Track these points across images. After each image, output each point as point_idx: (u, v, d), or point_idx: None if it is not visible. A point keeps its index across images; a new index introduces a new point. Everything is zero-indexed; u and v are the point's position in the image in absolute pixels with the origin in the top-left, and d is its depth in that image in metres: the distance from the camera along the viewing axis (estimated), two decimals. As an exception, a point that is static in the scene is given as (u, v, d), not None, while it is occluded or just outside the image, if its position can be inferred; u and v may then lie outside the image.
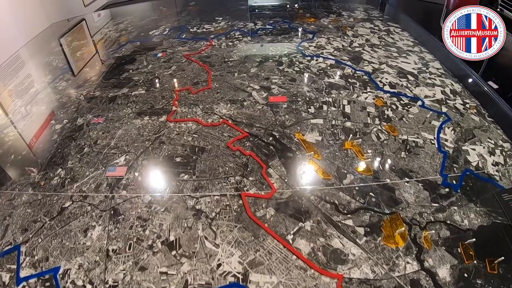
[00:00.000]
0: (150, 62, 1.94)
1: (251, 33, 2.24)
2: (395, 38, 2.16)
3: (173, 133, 1.33)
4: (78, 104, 1.63)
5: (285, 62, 1.80)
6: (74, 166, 1.25)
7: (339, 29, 2.28)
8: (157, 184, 1.14)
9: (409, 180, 1.13)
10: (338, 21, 2.44)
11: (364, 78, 1.67)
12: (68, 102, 1.67)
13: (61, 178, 1.21)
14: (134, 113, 1.48)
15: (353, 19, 2.51)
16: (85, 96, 1.69)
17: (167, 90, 1.62)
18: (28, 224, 1.06)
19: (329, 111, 1.44)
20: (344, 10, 2.72)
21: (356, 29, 2.29)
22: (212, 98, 1.52)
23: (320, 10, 2.71)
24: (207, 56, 1.94)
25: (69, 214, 1.07)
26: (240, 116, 1.39)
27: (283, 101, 1.47)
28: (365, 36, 2.17)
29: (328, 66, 1.77)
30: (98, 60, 2.14)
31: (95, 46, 2.43)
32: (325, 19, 2.49)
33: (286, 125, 1.35)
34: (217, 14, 2.64)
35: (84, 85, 1.81)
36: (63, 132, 1.45)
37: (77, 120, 1.51)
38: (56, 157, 1.32)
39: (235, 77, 1.68)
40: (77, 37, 2.61)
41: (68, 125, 1.49)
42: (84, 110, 1.57)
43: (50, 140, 1.43)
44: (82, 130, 1.43)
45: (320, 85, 1.60)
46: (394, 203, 1.04)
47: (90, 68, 2.01)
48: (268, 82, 1.62)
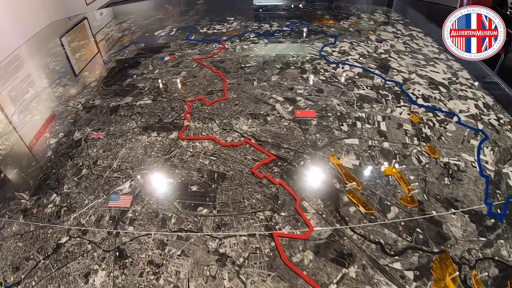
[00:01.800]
0: (157, 66, 1.75)
1: (267, 35, 2.05)
2: (420, 44, 1.99)
3: (186, 154, 1.14)
4: (76, 114, 1.44)
5: (309, 69, 1.62)
6: (71, 191, 1.06)
7: (361, 32, 2.09)
8: (170, 219, 0.95)
9: (455, 212, 0.99)
10: (358, 24, 2.25)
11: (396, 89, 1.50)
12: (65, 111, 1.47)
13: (56, 206, 1.03)
14: (139, 127, 1.29)
15: (373, 21, 2.33)
16: (83, 105, 1.49)
17: (177, 100, 1.44)
18: (20, 261, 0.89)
19: (364, 128, 1.26)
20: (363, 12, 2.53)
21: (378, 33, 2.11)
22: (230, 111, 1.33)
23: (338, 11, 2.52)
24: (220, 60, 1.76)
25: (67, 253, 0.89)
26: (265, 134, 1.20)
27: (312, 116, 1.28)
28: (389, 41, 1.99)
29: (356, 75, 1.58)
30: (98, 63, 1.94)
31: (97, 47, 2.23)
32: (345, 21, 2.30)
33: (318, 146, 1.16)
34: (228, 14, 2.44)
35: (83, 91, 1.61)
36: (58, 148, 1.26)
37: (74, 134, 1.31)
38: (50, 178, 1.13)
39: (255, 86, 1.50)
40: (77, 37, 2.41)
41: (64, 140, 1.30)
42: (82, 122, 1.38)
43: (44, 157, 1.24)
44: (80, 147, 1.24)
45: (350, 98, 1.42)
46: (442, 240, 0.91)
47: (89, 72, 1.82)
48: (292, 93, 1.43)
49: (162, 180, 1.07)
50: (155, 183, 1.06)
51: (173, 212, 0.96)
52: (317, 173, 1.08)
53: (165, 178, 1.07)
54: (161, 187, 1.04)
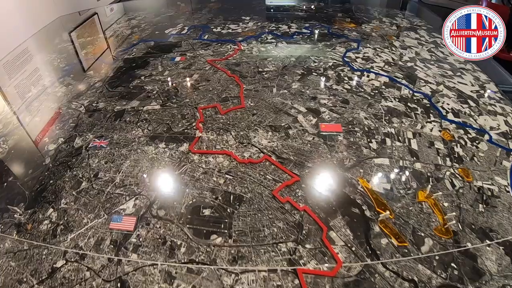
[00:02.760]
0: (166, 67, 1.64)
1: (286, 38, 1.92)
2: (445, 52, 1.86)
3: (198, 170, 1.02)
4: (78, 118, 1.33)
5: (332, 76, 1.49)
6: (69, 207, 0.96)
7: (384, 38, 1.96)
8: (179, 248, 0.83)
9: (490, 243, 0.88)
10: (380, 29, 2.12)
11: (425, 102, 1.37)
12: (66, 114, 1.37)
13: (52, 223, 0.92)
14: (146, 136, 1.17)
15: (395, 26, 2.20)
16: (86, 107, 1.38)
17: (188, 106, 1.32)
18: (12, 283, 0.80)
19: (394, 146, 1.13)
20: (384, 16, 2.40)
21: (402, 39, 1.97)
22: (247, 122, 1.21)
23: (359, 14, 2.38)
24: (236, 63, 1.64)
25: (62, 280, 0.79)
26: (286, 151, 1.08)
27: (338, 131, 1.16)
28: (414, 48, 1.86)
29: (382, 85, 1.46)
30: (104, 62, 1.84)
31: (104, 44, 2.12)
32: (366, 25, 2.17)
33: (346, 166, 1.04)
34: (243, 13, 2.32)
35: (87, 92, 1.51)
36: (57, 156, 1.15)
37: (75, 141, 1.21)
38: (47, 190, 1.03)
39: (274, 93, 1.37)
40: (84, 33, 2.31)
41: (63, 146, 1.19)
42: (84, 127, 1.27)
43: (42, 165, 1.14)
44: (81, 156, 1.13)
45: (377, 110, 1.29)
46: (477, 276, 0.80)
47: (95, 71, 1.71)
48: (315, 103, 1.31)
49: (171, 200, 0.95)
50: (162, 203, 0.95)
51: (182, 240, 0.85)
52: (345, 198, 0.95)
53: (174, 198, 0.95)
54: (169, 209, 0.93)
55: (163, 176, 1.03)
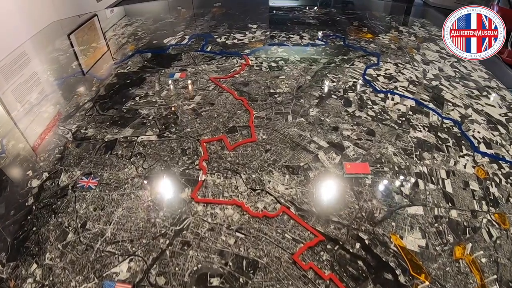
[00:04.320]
0: (165, 86, 1.48)
1: (299, 50, 1.76)
2: (468, 67, 1.73)
3: (203, 226, 0.86)
4: (64, 147, 1.17)
5: (354, 100, 1.34)
6: (54, 264, 0.81)
7: (404, 51, 1.80)
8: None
9: None
10: (399, 40, 1.96)
11: (455, 131, 1.23)
12: (51, 142, 1.21)
13: (36, 282, 0.78)
14: (140, 177, 1.01)
15: (414, 37, 2.04)
16: (74, 134, 1.22)
17: (189, 138, 1.16)
18: None
19: (427, 190, 0.99)
20: (400, 24, 2.24)
21: (422, 52, 1.82)
22: (259, 161, 1.05)
23: (374, 22, 2.22)
24: (243, 82, 1.47)
25: None
26: (307, 200, 0.92)
27: (366, 172, 1.00)
28: (436, 63, 1.71)
29: (409, 110, 1.30)
30: (96, 77, 1.67)
31: (100, 54, 1.95)
32: (384, 35, 2.01)
33: (376, 218, 0.89)
34: (250, 20, 2.16)
35: (75, 114, 1.34)
36: (41, 195, 1.00)
37: (61, 177, 1.05)
38: (30, 239, 0.88)
39: (290, 123, 1.21)
40: (76, 42, 2.14)
41: (48, 184, 1.03)
42: (70, 159, 1.11)
43: (24, 205, 0.99)
44: (66, 197, 0.97)
45: (407, 143, 1.14)
46: None
47: (85, 88, 1.55)
48: (337, 135, 1.15)
49: (171, 264, 0.80)
50: (162, 267, 0.79)
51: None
52: (377, 260, 0.81)
53: (176, 261, 0.80)
54: (170, 276, 0.77)
55: (161, 231, 0.87)
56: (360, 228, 0.88)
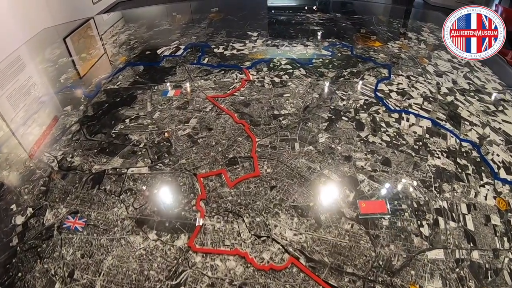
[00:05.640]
0: (157, 106, 1.38)
1: (304, 63, 1.66)
2: (481, 78, 1.66)
3: (202, 281, 0.77)
4: (49, 177, 1.08)
5: (366, 122, 1.25)
6: None
7: (415, 61, 1.70)
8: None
9: None
10: (408, 48, 1.86)
11: (474, 155, 1.15)
12: (35, 170, 1.12)
13: None
14: (131, 219, 0.92)
15: (424, 44, 1.94)
16: (59, 163, 1.13)
17: (185, 171, 1.06)
18: None
19: (448, 229, 0.91)
20: (408, 30, 2.14)
21: (434, 61, 1.72)
22: (264, 201, 0.95)
23: (381, 28, 2.12)
24: (244, 102, 1.37)
25: None
26: (318, 248, 0.84)
27: (383, 211, 0.91)
28: (449, 74, 1.62)
29: (426, 132, 1.21)
30: (84, 94, 1.56)
31: (89, 66, 1.85)
32: (393, 43, 1.91)
33: (394, 267, 0.80)
34: (250, 27, 2.06)
35: (61, 139, 1.24)
36: (26, 236, 0.92)
37: (46, 215, 0.96)
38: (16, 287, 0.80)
39: (297, 152, 1.11)
40: (66, 52, 2.05)
41: (32, 222, 0.95)
42: (56, 193, 1.03)
43: (8, 246, 0.91)
44: (52, 240, 0.89)
45: (425, 173, 1.06)
46: None
47: (73, 106, 1.45)
48: (350, 167, 1.06)
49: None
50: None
51: None
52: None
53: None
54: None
55: (155, 285, 0.78)
56: (377, 280, 0.79)
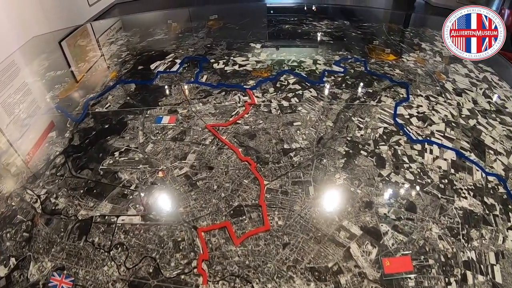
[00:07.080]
0: (150, 136, 1.25)
1: (314, 82, 1.53)
2: (501, 96, 1.55)
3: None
4: (32, 222, 0.98)
5: (387, 156, 1.13)
6: None
7: (433, 77, 1.59)
8: None
9: None
10: (424, 61, 1.75)
11: (501, 192, 1.06)
12: (18, 210, 1.01)
13: None
14: (124, 281, 0.81)
15: (439, 57, 1.83)
16: (42, 203, 1.02)
17: (183, 224, 0.93)
18: None
19: (476, 284, 0.82)
20: (422, 41, 2.02)
21: (452, 77, 1.61)
22: (276, 262, 0.83)
23: (393, 38, 1.99)
24: (248, 133, 1.24)
25: None
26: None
27: (408, 270, 0.81)
28: (468, 92, 1.51)
29: (450, 166, 1.10)
30: (70, 117, 1.41)
31: (76, 82, 1.72)
32: (408, 56, 1.79)
33: None
34: (252, 37, 1.94)
35: (44, 174, 1.13)
36: None
37: (30, 268, 0.86)
38: None
39: (311, 197, 0.98)
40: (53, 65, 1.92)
41: (16, 275, 0.85)
42: (39, 242, 0.93)
43: None
44: None
45: (452, 218, 0.95)
46: None
47: (57, 132, 1.32)
48: (372, 216, 0.94)
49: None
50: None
51: None
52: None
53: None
54: None
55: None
56: None
